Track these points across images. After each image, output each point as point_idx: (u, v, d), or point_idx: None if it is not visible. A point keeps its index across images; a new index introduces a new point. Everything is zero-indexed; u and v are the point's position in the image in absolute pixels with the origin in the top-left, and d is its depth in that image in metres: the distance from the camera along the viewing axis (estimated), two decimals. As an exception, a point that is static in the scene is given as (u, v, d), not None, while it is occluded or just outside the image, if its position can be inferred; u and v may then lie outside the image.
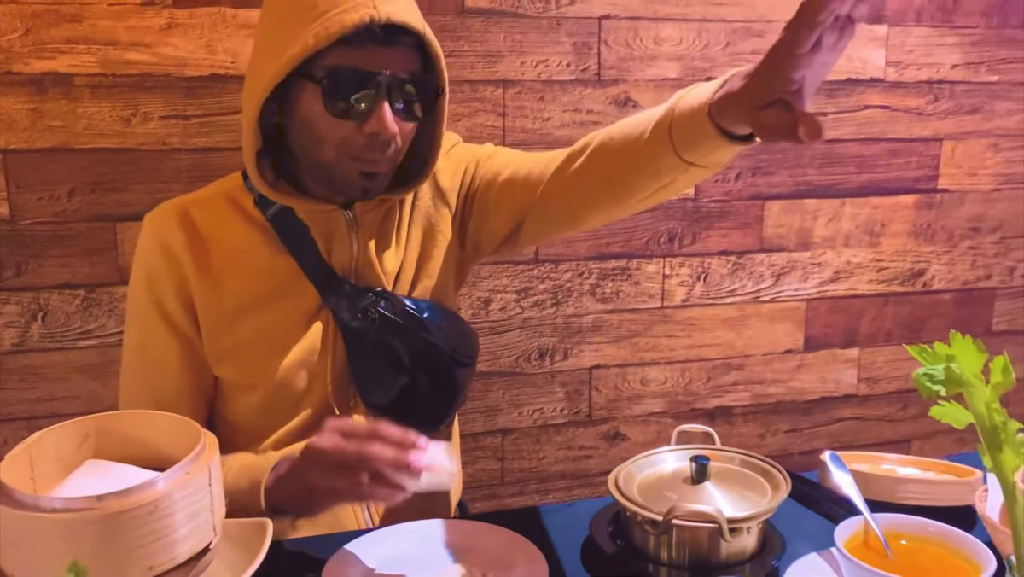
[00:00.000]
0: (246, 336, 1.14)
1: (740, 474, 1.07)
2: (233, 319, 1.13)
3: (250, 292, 1.13)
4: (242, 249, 1.14)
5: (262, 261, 1.14)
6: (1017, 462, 0.69)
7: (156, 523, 0.78)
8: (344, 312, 1.14)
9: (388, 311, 1.15)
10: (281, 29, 1.04)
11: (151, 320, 1.14)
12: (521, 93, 1.79)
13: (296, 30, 1.01)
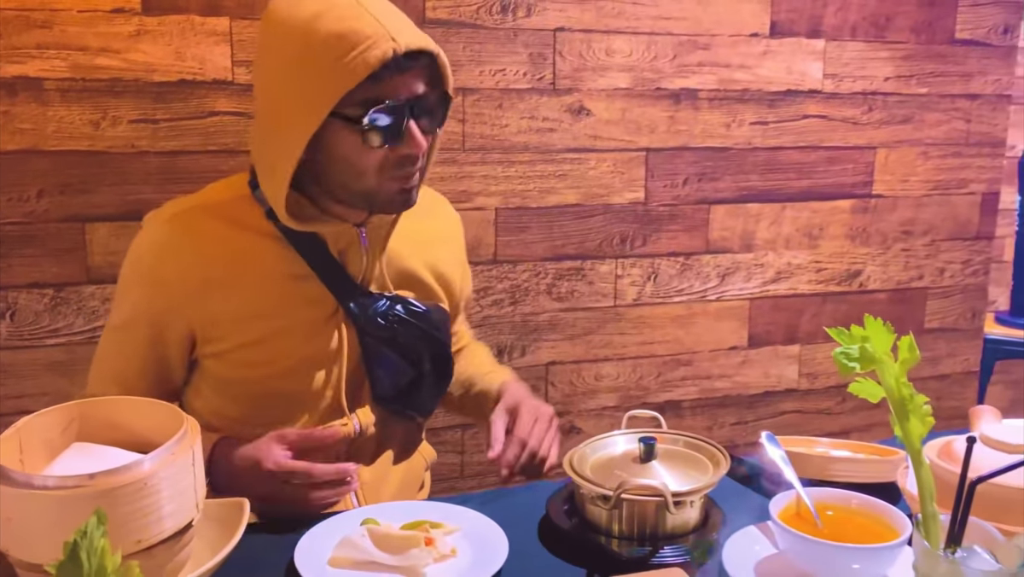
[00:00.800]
0: (260, 341, 1.18)
1: (684, 454, 1.16)
2: (246, 323, 1.17)
3: (263, 297, 1.17)
4: (255, 256, 1.17)
5: (275, 268, 1.18)
6: (921, 430, 0.78)
7: (144, 500, 0.84)
8: (361, 316, 1.21)
9: (404, 313, 1.24)
10: (301, 75, 1.06)
11: (137, 316, 1.18)
12: (480, 100, 1.87)
13: (318, 74, 1.05)
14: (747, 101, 2.07)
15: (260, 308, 1.18)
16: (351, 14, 1.04)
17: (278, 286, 1.18)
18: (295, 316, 1.19)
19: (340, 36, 1.03)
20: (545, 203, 1.96)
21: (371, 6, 1.06)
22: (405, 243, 1.27)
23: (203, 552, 0.94)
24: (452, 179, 1.87)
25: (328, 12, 1.05)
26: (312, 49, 1.05)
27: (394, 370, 1.24)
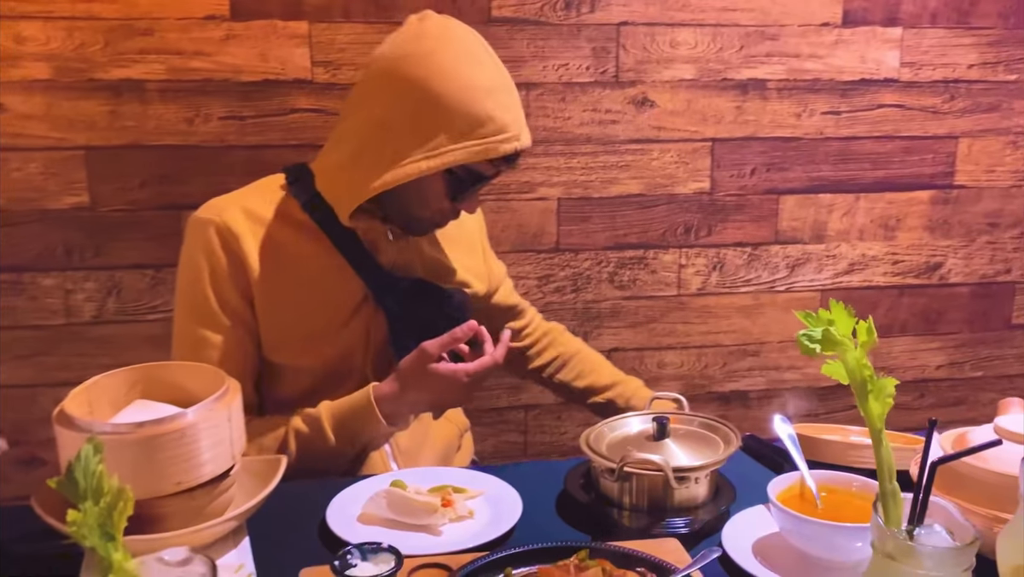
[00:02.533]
0: (300, 325, 1.32)
1: (698, 434, 1.21)
2: (288, 310, 1.32)
3: (301, 285, 1.31)
4: (293, 247, 1.31)
5: (311, 257, 1.32)
6: (880, 410, 0.81)
7: (184, 447, 0.97)
8: (389, 299, 1.34)
9: (426, 297, 1.36)
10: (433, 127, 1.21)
11: (210, 309, 1.31)
12: (543, 95, 1.94)
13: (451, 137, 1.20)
14: (818, 91, 2.05)
15: (302, 293, 1.31)
16: (504, 103, 1.24)
17: (314, 273, 1.31)
18: (329, 301, 1.32)
19: (491, 119, 1.21)
20: (607, 193, 2.02)
21: (515, 100, 1.27)
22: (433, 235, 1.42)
23: (243, 500, 1.06)
24: (515, 170, 1.94)
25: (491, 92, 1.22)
26: (454, 113, 1.20)
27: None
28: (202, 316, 1.32)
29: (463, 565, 0.94)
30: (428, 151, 1.21)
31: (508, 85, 1.28)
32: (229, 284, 1.30)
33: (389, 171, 1.22)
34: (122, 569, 0.58)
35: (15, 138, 1.76)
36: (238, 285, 1.30)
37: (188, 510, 0.99)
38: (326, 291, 1.32)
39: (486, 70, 1.25)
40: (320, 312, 1.33)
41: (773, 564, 1.02)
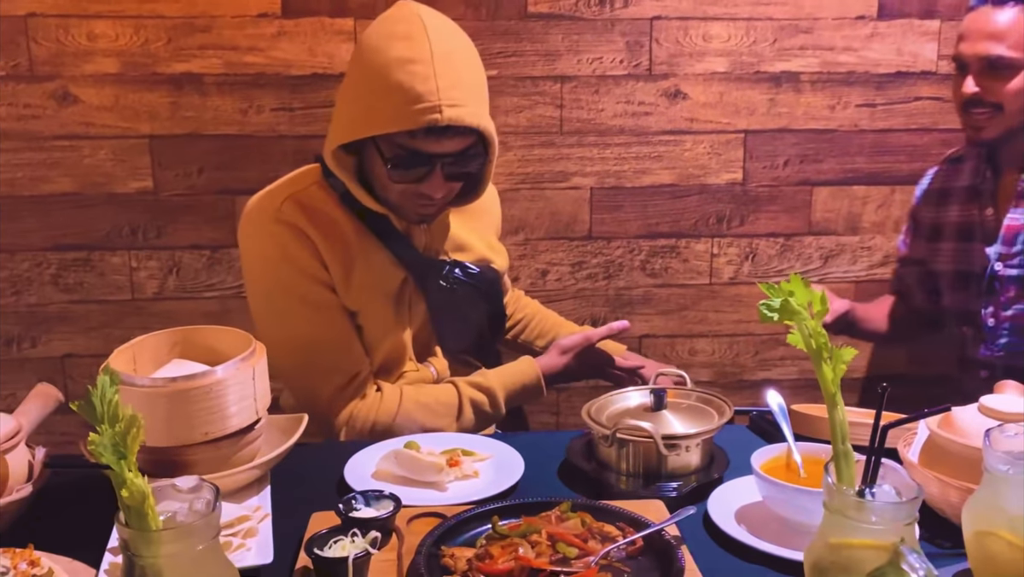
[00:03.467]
0: (358, 302, 1.40)
1: (695, 407, 1.27)
2: (350, 287, 1.39)
3: (349, 267, 1.39)
4: (339, 233, 1.39)
5: (355, 243, 1.40)
6: (832, 375, 0.86)
7: (211, 401, 1.08)
8: (427, 280, 1.43)
9: (462, 276, 1.45)
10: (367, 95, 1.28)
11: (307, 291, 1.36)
12: (577, 87, 2.01)
13: (375, 104, 1.25)
14: (853, 84, 2.07)
15: (350, 275, 1.40)
16: (422, 73, 1.23)
17: (360, 259, 1.40)
18: (375, 284, 1.41)
19: (401, 87, 1.23)
20: (640, 183, 2.08)
21: (444, 72, 1.23)
22: (456, 215, 1.49)
23: (268, 452, 1.17)
24: (549, 160, 2.03)
25: (408, 64, 1.23)
26: (381, 87, 1.25)
27: (458, 328, 1.47)
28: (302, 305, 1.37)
29: (456, 514, 1.03)
30: (350, 124, 1.29)
31: (441, 57, 1.23)
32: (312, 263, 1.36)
33: (329, 148, 1.32)
34: (133, 484, 0.68)
35: (87, 127, 1.92)
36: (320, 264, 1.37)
37: (215, 459, 1.10)
38: (377, 270, 1.41)
39: (410, 44, 1.23)
40: (372, 292, 1.41)
41: (754, 528, 1.08)
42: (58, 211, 1.96)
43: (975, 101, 1.55)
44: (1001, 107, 1.53)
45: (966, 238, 1.69)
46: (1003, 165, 1.64)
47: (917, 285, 1.84)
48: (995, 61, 1.51)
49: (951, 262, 1.74)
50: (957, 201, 1.73)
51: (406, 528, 1.03)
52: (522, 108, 2.01)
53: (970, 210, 1.69)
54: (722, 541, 1.06)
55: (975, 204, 1.68)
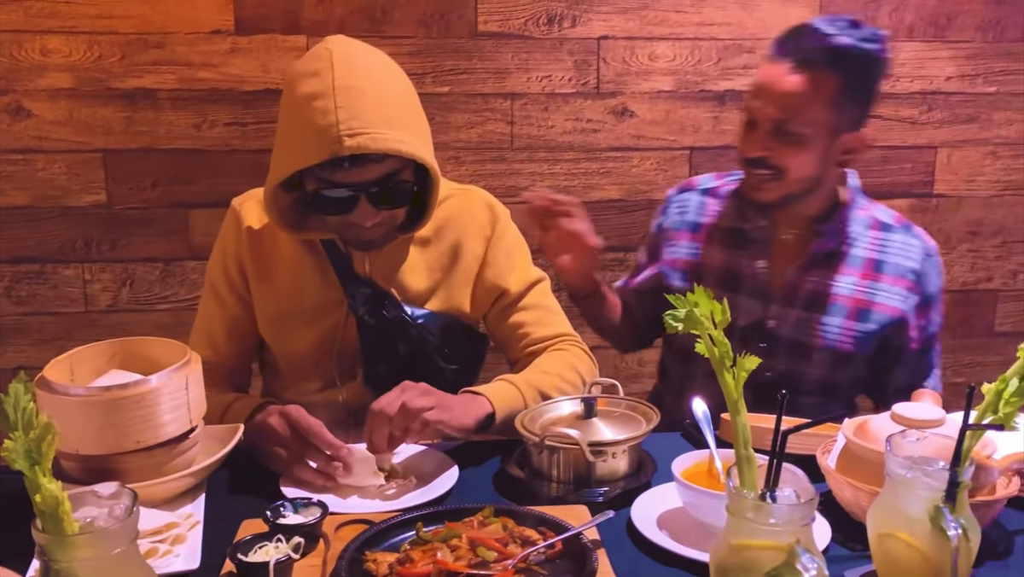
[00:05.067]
0: (281, 310, 1.43)
1: (624, 415, 1.30)
2: (275, 295, 1.43)
3: (291, 277, 1.42)
4: (276, 246, 1.42)
5: (303, 253, 1.42)
6: (734, 382, 0.90)
7: (144, 409, 1.10)
8: (359, 306, 1.42)
9: (389, 314, 1.42)
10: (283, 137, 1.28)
11: (218, 279, 1.45)
12: (527, 104, 2.06)
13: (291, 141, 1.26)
14: (795, 102, 2.13)
15: (285, 284, 1.43)
16: (322, 108, 1.21)
17: (303, 269, 1.42)
18: (310, 297, 1.42)
19: (305, 124, 1.23)
20: (589, 198, 2.12)
21: (345, 104, 1.21)
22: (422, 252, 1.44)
23: (204, 461, 1.19)
24: (501, 175, 2.07)
25: (311, 100, 1.23)
26: (293, 125, 1.26)
27: (385, 362, 1.42)
28: (211, 281, 1.47)
29: (382, 520, 1.05)
30: (278, 162, 1.29)
31: (342, 90, 1.22)
32: (232, 260, 1.43)
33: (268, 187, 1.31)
34: (47, 489, 0.71)
35: (40, 141, 1.94)
36: (238, 262, 1.43)
37: (149, 466, 1.12)
38: (310, 287, 1.43)
39: (315, 80, 1.23)
40: (300, 305, 1.43)
41: (675, 533, 1.11)
42: (12, 224, 1.97)
43: (758, 161, 1.43)
44: (784, 172, 1.41)
45: (729, 287, 1.52)
46: (779, 219, 1.51)
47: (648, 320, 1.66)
48: (784, 127, 1.38)
49: None
50: (720, 242, 1.55)
51: (334, 535, 1.05)
52: (473, 124, 2.05)
53: (737, 257, 1.54)
54: (643, 546, 1.08)
55: (743, 252, 1.53)
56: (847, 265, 1.50)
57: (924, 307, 1.51)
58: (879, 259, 1.50)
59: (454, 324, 1.47)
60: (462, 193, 1.49)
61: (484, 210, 1.48)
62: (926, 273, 1.50)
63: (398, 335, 1.42)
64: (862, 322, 1.49)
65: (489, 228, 1.48)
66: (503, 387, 1.34)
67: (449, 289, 1.46)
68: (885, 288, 1.49)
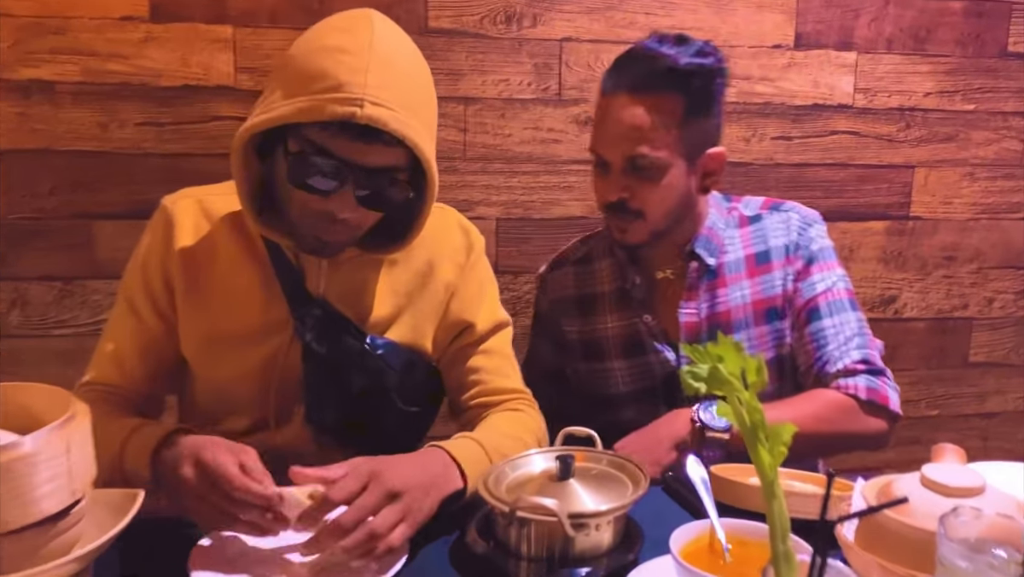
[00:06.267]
0: (214, 331, 1.20)
1: (607, 474, 1.11)
2: (207, 312, 1.20)
3: (228, 292, 1.20)
4: (231, 252, 1.20)
5: (245, 267, 1.20)
6: (772, 459, 0.72)
7: (13, 481, 0.85)
8: (309, 332, 1.20)
9: (346, 342, 1.21)
10: (284, 88, 1.07)
11: (136, 290, 1.21)
12: (482, 110, 1.86)
13: (293, 94, 1.04)
14: (768, 115, 1.99)
15: (221, 300, 1.20)
16: (351, 64, 1.03)
17: (243, 284, 1.20)
18: (250, 316, 1.20)
19: (324, 74, 1.03)
20: (549, 214, 1.94)
21: (378, 69, 1.03)
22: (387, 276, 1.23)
23: (95, 537, 0.96)
24: (452, 187, 1.87)
25: (338, 52, 1.04)
26: (302, 72, 1.05)
27: (330, 398, 1.21)
28: (127, 292, 1.22)
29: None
30: (261, 112, 1.06)
31: (379, 56, 1.04)
32: (156, 269, 1.20)
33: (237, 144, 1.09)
34: None
35: (-87, 139, 1.66)
36: (163, 272, 1.20)
37: (19, 553, 0.88)
38: (250, 304, 1.20)
39: (349, 36, 1.05)
40: (238, 325, 1.20)
41: (674, 623, 0.93)
42: None
43: (618, 205, 1.33)
44: (643, 214, 1.32)
45: (634, 352, 1.43)
46: (648, 265, 1.43)
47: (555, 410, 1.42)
48: (638, 161, 1.29)
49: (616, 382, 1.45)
50: (609, 309, 1.45)
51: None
52: (422, 131, 1.84)
53: (629, 317, 1.44)
54: (637, 640, 0.90)
55: (632, 310, 1.43)
56: (731, 273, 1.40)
57: (806, 268, 1.38)
58: (758, 251, 1.41)
59: (416, 359, 1.27)
60: (435, 212, 1.26)
61: (459, 234, 1.30)
62: (806, 236, 1.40)
63: (352, 367, 1.21)
64: (771, 322, 1.39)
65: (464, 255, 1.29)
66: (474, 452, 1.14)
67: (415, 318, 1.26)
68: (778, 276, 1.39)
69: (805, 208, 1.44)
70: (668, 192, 1.32)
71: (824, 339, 1.36)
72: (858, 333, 1.36)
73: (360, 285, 1.23)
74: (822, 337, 1.36)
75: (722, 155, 1.36)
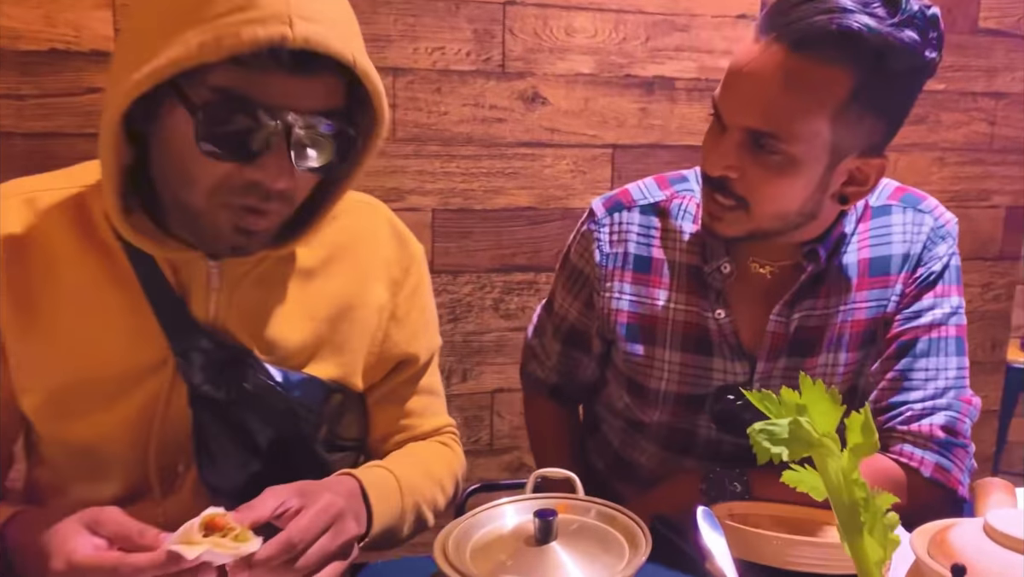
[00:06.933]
0: (63, 375, 0.90)
1: (595, 530, 0.88)
2: (51, 350, 0.89)
3: (78, 322, 0.89)
4: (80, 267, 0.89)
5: (102, 287, 0.89)
6: (881, 553, 0.50)
7: None
8: (196, 372, 0.91)
9: (248, 381, 0.92)
10: (160, 22, 0.78)
11: None
12: (414, 83, 1.61)
13: (179, 28, 0.76)
14: (733, 93, 1.80)
15: (76, 332, 0.89)
16: None
17: (100, 310, 0.89)
18: (114, 355, 0.90)
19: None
20: (492, 205, 1.71)
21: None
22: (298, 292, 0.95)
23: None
24: (380, 173, 1.62)
25: None
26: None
27: (232, 455, 0.93)
28: None
29: None
30: (135, 62, 0.76)
31: None
32: None
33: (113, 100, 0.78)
34: None
35: None
36: None
37: None
38: (111, 340, 0.90)
39: None
40: (96, 368, 0.90)
41: None
42: None
43: (720, 183, 1.00)
44: (747, 205, 1.00)
45: (697, 350, 1.12)
46: (743, 251, 1.10)
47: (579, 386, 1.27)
48: (762, 140, 0.95)
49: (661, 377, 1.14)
50: (677, 286, 1.12)
51: None
52: (344, 107, 1.58)
53: (698, 307, 1.11)
54: None
55: (696, 298, 1.11)
56: (837, 279, 1.08)
57: (919, 290, 1.07)
58: (875, 256, 1.08)
59: (345, 397, 1.00)
60: (362, 210, 1.02)
61: (393, 242, 1.03)
62: (932, 251, 1.08)
63: (259, 412, 0.93)
64: (865, 347, 1.09)
65: (400, 269, 1.02)
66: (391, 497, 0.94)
67: (341, 349, 0.98)
68: (893, 293, 1.08)
69: (945, 212, 1.11)
70: (789, 192, 0.98)
71: (910, 384, 1.05)
72: (954, 386, 1.06)
73: (265, 306, 0.94)
74: (908, 381, 1.06)
75: (882, 168, 1.00)
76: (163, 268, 0.89)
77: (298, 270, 0.95)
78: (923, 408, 1.04)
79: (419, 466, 1.01)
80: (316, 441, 0.97)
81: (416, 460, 1.02)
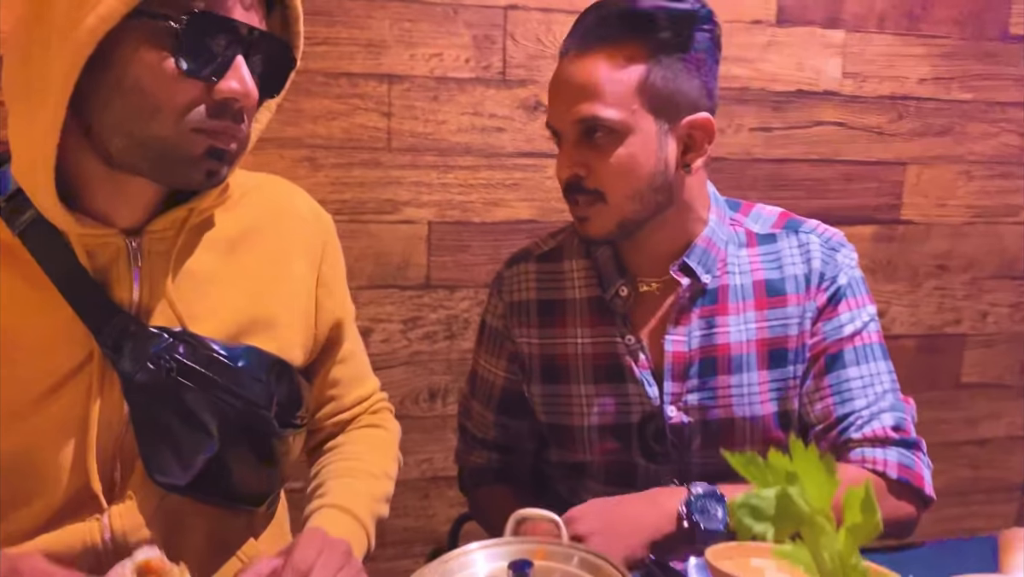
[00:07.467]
0: None
1: (575, 581, 0.81)
2: None
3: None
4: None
5: (10, 289, 0.83)
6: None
7: None
8: (126, 360, 0.85)
9: (188, 358, 0.87)
10: None
11: None
12: (410, 91, 1.55)
13: None
14: (747, 102, 1.71)
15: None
16: None
17: (15, 314, 0.83)
18: (28, 357, 0.83)
19: None
20: (491, 217, 1.63)
21: None
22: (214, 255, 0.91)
23: None
24: (374, 184, 1.55)
25: None
26: None
27: (174, 443, 0.87)
28: None
29: None
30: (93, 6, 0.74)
31: None
32: None
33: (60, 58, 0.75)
34: None
35: None
36: None
37: None
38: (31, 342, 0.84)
39: None
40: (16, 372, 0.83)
41: None
42: None
43: (574, 185, 1.04)
44: (603, 195, 1.03)
45: (608, 379, 1.11)
46: (633, 270, 1.12)
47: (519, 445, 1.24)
48: (589, 123, 1.00)
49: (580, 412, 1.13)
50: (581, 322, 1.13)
51: None
52: (336, 114, 1.52)
53: (605, 336, 1.11)
54: None
55: (603, 328, 1.12)
56: (735, 299, 1.10)
57: (831, 305, 1.08)
58: (770, 279, 1.10)
59: (285, 369, 0.96)
60: (273, 185, 1.02)
61: (309, 216, 1.03)
62: (832, 264, 1.10)
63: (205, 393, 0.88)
64: (779, 367, 1.09)
65: (318, 242, 1.02)
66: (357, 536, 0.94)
67: (270, 322, 0.95)
68: (794, 313, 1.08)
69: (828, 228, 1.13)
70: (630, 164, 1.02)
71: (849, 394, 1.06)
72: (891, 389, 1.07)
73: (190, 280, 0.90)
74: (846, 391, 1.06)
75: (707, 123, 1.04)
76: (78, 253, 0.84)
77: (219, 241, 0.92)
78: (870, 413, 1.05)
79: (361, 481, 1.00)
80: (271, 415, 0.92)
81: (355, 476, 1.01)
